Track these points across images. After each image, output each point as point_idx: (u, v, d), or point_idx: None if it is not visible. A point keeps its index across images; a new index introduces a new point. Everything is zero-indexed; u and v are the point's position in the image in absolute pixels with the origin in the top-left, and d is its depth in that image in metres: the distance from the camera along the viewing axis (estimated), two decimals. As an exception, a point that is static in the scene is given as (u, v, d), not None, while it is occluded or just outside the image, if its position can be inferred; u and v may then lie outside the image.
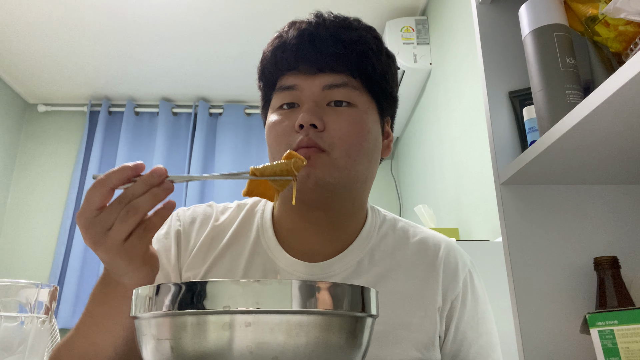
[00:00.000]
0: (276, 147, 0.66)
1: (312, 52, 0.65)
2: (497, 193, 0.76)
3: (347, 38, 0.66)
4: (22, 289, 0.52)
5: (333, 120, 0.64)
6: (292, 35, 0.67)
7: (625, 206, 0.73)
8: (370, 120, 0.67)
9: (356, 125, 0.65)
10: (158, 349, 0.39)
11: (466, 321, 0.71)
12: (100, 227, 0.49)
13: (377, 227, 0.74)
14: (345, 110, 0.65)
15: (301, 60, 0.66)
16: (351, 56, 0.66)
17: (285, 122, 0.66)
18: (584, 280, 0.70)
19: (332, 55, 0.65)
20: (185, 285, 0.38)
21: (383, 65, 0.69)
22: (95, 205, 0.50)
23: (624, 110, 0.52)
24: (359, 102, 0.66)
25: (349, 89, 0.66)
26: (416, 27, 2.41)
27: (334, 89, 0.65)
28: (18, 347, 0.50)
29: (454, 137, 2.04)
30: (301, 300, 0.37)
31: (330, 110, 0.65)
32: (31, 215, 3.10)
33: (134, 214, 0.49)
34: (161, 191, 0.51)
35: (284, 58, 0.67)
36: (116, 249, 0.50)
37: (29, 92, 3.25)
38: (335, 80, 0.65)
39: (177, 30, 2.64)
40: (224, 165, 3.08)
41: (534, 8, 0.67)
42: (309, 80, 0.66)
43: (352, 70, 0.66)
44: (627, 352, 0.53)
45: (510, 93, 0.80)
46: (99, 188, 0.50)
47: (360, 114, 0.66)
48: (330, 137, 0.63)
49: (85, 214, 0.50)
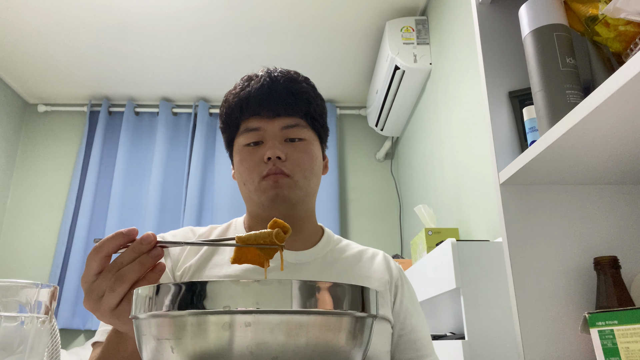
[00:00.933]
0: (248, 176, 0.83)
1: (271, 101, 0.83)
2: (497, 193, 0.76)
3: (295, 90, 0.85)
4: (22, 289, 0.52)
5: (291, 152, 0.83)
6: (253, 87, 0.84)
7: (625, 206, 0.73)
8: (316, 149, 0.87)
9: (308, 154, 0.85)
10: (158, 349, 0.39)
11: (407, 297, 0.90)
12: (95, 295, 0.54)
13: (332, 238, 0.94)
14: (299, 144, 0.84)
15: (263, 107, 0.83)
16: (300, 103, 0.85)
17: (254, 156, 0.83)
18: (584, 280, 0.70)
19: (287, 103, 0.84)
20: (185, 285, 0.38)
21: (320, 107, 0.89)
22: (93, 272, 0.55)
23: (624, 110, 0.52)
24: (307, 137, 0.86)
25: (300, 127, 0.85)
26: (416, 27, 2.41)
27: (289, 129, 0.84)
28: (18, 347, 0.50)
29: (454, 137, 2.04)
30: (301, 300, 0.37)
31: (288, 145, 0.84)
32: (31, 215, 3.10)
33: (121, 284, 0.54)
34: (149, 258, 0.55)
35: (249, 105, 0.84)
36: (109, 314, 0.55)
37: (29, 92, 3.25)
38: (291, 122, 0.84)
39: (177, 30, 2.64)
40: (224, 165, 3.08)
41: (534, 8, 0.67)
42: (270, 122, 0.84)
43: (301, 113, 0.85)
44: (627, 352, 0.53)
45: (510, 93, 0.80)
46: (96, 255, 0.55)
47: (309, 145, 0.86)
48: (291, 165, 0.82)
49: (85, 279, 0.55)
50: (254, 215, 0.88)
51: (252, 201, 0.86)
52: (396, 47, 2.35)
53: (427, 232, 1.83)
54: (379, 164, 3.21)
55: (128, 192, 3.04)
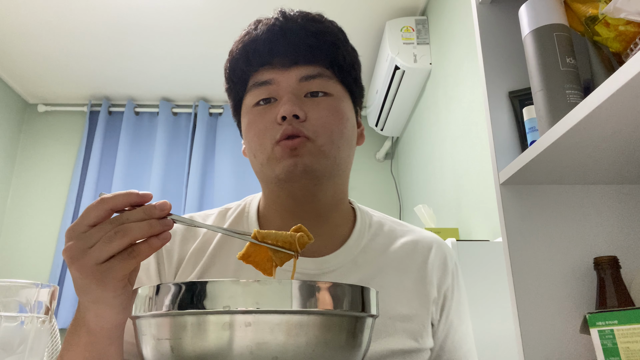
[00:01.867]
0: (258, 144, 0.66)
1: (285, 45, 0.66)
2: (497, 193, 0.76)
3: (317, 30, 0.67)
4: (22, 289, 0.52)
5: (313, 110, 0.65)
6: (261, 30, 0.67)
7: (625, 206, 0.73)
8: (347, 109, 0.69)
9: (335, 113, 0.66)
10: (158, 349, 0.39)
11: (454, 310, 0.75)
12: (83, 243, 0.47)
13: (367, 227, 0.75)
14: (323, 99, 0.66)
15: (275, 53, 0.66)
16: (323, 47, 0.67)
17: (265, 117, 0.65)
18: (584, 280, 0.70)
19: (306, 47, 0.66)
20: (185, 285, 0.38)
21: (351, 55, 0.71)
22: (88, 222, 0.47)
23: (624, 110, 0.52)
24: (334, 91, 0.67)
25: (324, 79, 0.67)
26: (416, 27, 2.41)
27: (310, 80, 0.66)
28: (18, 347, 0.50)
29: (454, 137, 2.03)
30: (301, 300, 0.37)
31: (309, 101, 0.65)
32: (31, 215, 3.10)
33: (121, 237, 0.46)
34: (159, 224, 0.48)
35: (256, 53, 0.67)
36: (90, 268, 0.47)
37: (29, 92, 3.25)
38: (311, 72, 0.66)
39: (177, 30, 2.64)
40: (224, 166, 3.08)
41: (534, 8, 0.67)
42: (284, 73, 0.66)
43: (325, 61, 0.67)
44: (627, 352, 0.53)
45: (510, 93, 0.80)
46: (99, 205, 0.48)
47: (337, 102, 0.67)
48: (312, 126, 0.64)
49: (75, 227, 0.47)
50: (270, 198, 0.71)
51: (265, 177, 0.68)
52: (396, 47, 2.35)
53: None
54: (379, 164, 3.20)
55: (128, 192, 3.04)
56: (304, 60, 0.66)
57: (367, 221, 0.76)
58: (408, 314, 0.68)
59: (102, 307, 0.49)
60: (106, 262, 0.47)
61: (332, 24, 0.70)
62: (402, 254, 0.73)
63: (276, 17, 0.68)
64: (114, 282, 0.48)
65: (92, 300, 0.49)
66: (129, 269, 0.48)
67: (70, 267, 0.47)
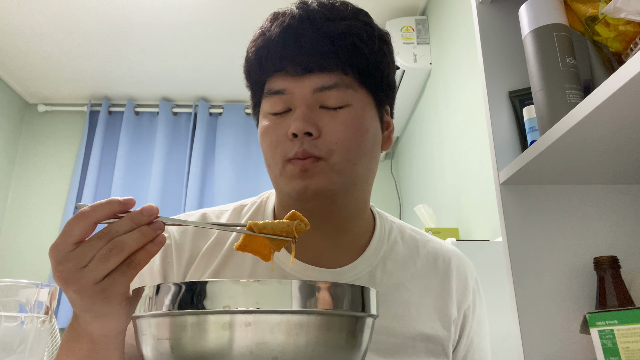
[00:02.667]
0: (271, 156, 0.63)
1: (297, 52, 0.60)
2: (497, 193, 0.76)
3: (335, 32, 0.60)
4: (22, 289, 0.52)
5: (328, 124, 0.60)
6: (275, 32, 0.61)
7: (625, 206, 0.73)
8: (367, 118, 0.63)
9: (353, 127, 0.61)
10: (158, 349, 0.39)
11: (475, 328, 0.73)
12: (75, 264, 0.44)
13: (386, 234, 0.71)
14: (340, 112, 0.61)
15: (287, 60, 0.60)
16: (341, 52, 0.60)
17: (278, 129, 0.62)
18: (584, 280, 0.70)
19: (321, 54, 0.60)
20: (185, 285, 0.38)
21: (376, 54, 0.63)
22: (73, 239, 0.45)
23: (624, 110, 0.52)
24: (353, 101, 0.62)
25: (341, 89, 0.61)
26: (416, 27, 2.41)
27: (325, 92, 0.60)
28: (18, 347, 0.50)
29: (454, 137, 2.03)
30: (301, 300, 0.37)
31: (325, 114, 0.60)
32: (31, 215, 3.10)
33: (117, 253, 0.44)
34: (150, 230, 0.46)
35: (268, 59, 0.62)
36: (90, 288, 0.44)
37: (29, 92, 3.25)
38: (326, 82, 0.60)
39: (177, 30, 2.64)
40: (224, 165, 3.08)
41: (534, 8, 0.67)
42: (298, 82, 0.61)
43: (344, 66, 0.61)
44: (627, 352, 0.53)
45: (510, 93, 0.80)
46: (81, 220, 0.45)
47: (356, 113, 0.62)
48: (327, 144, 0.60)
49: (59, 247, 0.45)
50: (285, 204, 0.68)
51: (279, 188, 0.65)
52: (396, 47, 2.34)
53: (427, 232, 1.83)
54: (379, 163, 3.20)
55: (128, 192, 3.04)
56: (319, 68, 0.60)
57: (387, 228, 0.72)
58: (429, 334, 0.66)
59: (106, 320, 0.48)
60: (105, 278, 0.45)
61: (356, 19, 0.63)
62: (423, 268, 0.70)
63: (292, 15, 0.61)
64: (118, 296, 0.46)
65: (95, 316, 0.48)
66: (131, 280, 0.47)
67: (67, 291, 0.45)
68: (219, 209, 0.74)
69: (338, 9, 0.62)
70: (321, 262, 0.66)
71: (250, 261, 0.66)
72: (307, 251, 0.66)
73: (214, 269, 0.66)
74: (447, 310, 0.68)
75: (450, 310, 0.69)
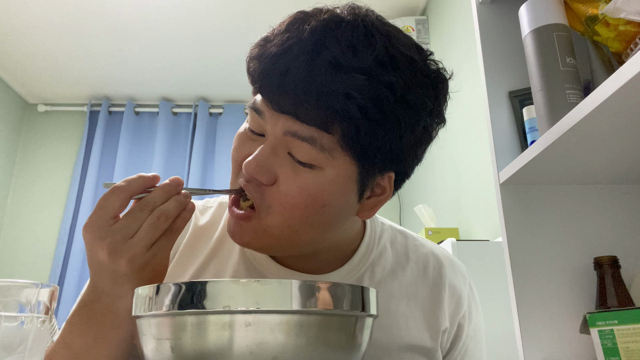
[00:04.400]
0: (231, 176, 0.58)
1: (278, 89, 0.50)
2: (497, 193, 0.76)
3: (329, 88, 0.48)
4: (22, 289, 0.52)
5: (284, 179, 0.51)
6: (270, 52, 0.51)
7: (625, 206, 0.73)
8: (334, 192, 0.52)
9: (308, 197, 0.51)
10: (158, 349, 0.39)
11: (470, 336, 0.70)
12: (122, 235, 0.47)
13: (376, 240, 0.67)
14: (303, 172, 0.51)
15: (266, 92, 0.51)
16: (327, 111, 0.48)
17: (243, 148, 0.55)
18: (584, 280, 0.70)
19: (303, 103, 0.48)
20: (186, 285, 0.38)
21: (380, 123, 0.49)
22: (112, 213, 0.48)
23: (624, 110, 0.52)
24: (325, 164, 0.51)
25: (316, 148, 0.50)
26: (416, 27, 2.41)
27: (296, 140, 0.50)
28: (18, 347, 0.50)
29: (454, 137, 2.03)
30: (301, 300, 0.37)
31: (287, 164, 0.51)
32: (31, 215, 3.10)
33: (165, 220, 0.49)
34: (183, 197, 0.51)
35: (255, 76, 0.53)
36: (143, 255, 0.48)
37: (29, 92, 3.25)
38: (301, 132, 0.50)
39: (177, 30, 2.64)
40: (224, 166, 3.08)
41: (534, 8, 0.67)
42: (273, 116, 0.51)
43: (325, 126, 0.49)
44: (627, 352, 0.53)
45: (510, 93, 0.80)
46: (118, 194, 0.48)
47: (321, 181, 0.51)
48: (271, 198, 0.52)
49: (99, 222, 0.47)
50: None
51: None
52: (396, 47, 2.35)
53: (427, 232, 1.83)
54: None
55: (128, 192, 3.04)
56: (295, 113, 0.49)
57: (378, 232, 0.68)
58: (417, 345, 0.64)
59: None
60: (155, 244, 0.49)
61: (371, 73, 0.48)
62: (412, 275, 0.67)
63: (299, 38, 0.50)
64: (165, 258, 0.51)
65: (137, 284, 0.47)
66: (173, 243, 0.52)
67: (116, 262, 0.47)
68: (204, 203, 0.72)
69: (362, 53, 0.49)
70: (304, 266, 0.63)
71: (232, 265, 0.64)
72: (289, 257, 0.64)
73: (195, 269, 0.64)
74: (436, 321, 0.65)
75: (439, 321, 0.65)
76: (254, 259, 0.65)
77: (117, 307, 0.51)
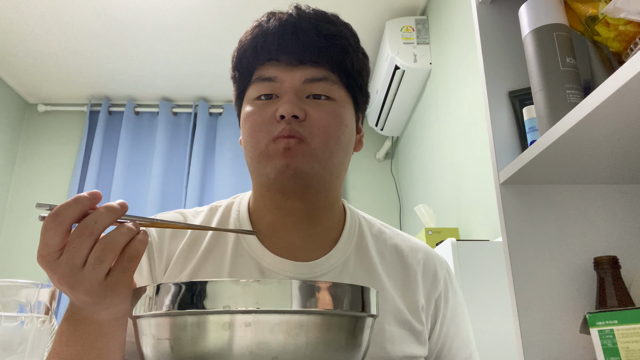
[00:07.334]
0: (254, 136, 0.65)
1: (294, 43, 0.65)
2: (497, 193, 0.76)
3: (329, 32, 0.66)
4: (22, 289, 0.52)
5: (314, 111, 0.64)
6: (273, 25, 0.66)
7: (624, 206, 0.73)
8: (347, 115, 0.68)
9: (335, 118, 0.66)
10: (158, 349, 0.39)
11: (449, 318, 0.74)
12: (69, 268, 0.44)
13: (356, 227, 0.74)
14: (325, 102, 0.66)
15: (283, 50, 0.65)
16: (332, 51, 0.66)
17: (264, 112, 0.65)
18: (584, 280, 0.70)
19: (314, 48, 0.65)
20: (185, 285, 0.38)
21: (360, 62, 0.70)
22: (55, 247, 0.44)
23: (624, 110, 0.52)
24: (337, 96, 0.67)
25: (329, 83, 0.66)
26: (416, 27, 2.41)
27: (314, 83, 0.65)
28: (18, 347, 0.50)
29: (454, 137, 2.03)
30: (301, 300, 0.37)
31: (310, 102, 0.65)
32: (31, 215, 3.10)
33: (110, 250, 0.45)
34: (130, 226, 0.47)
35: (264, 47, 0.66)
36: (97, 288, 0.45)
37: (29, 92, 3.25)
38: (316, 74, 0.65)
39: (177, 30, 2.64)
40: (224, 165, 3.08)
41: (534, 8, 0.67)
42: (289, 72, 0.65)
43: (332, 64, 0.66)
44: (627, 352, 0.53)
45: (510, 93, 0.80)
46: (56, 226, 0.44)
47: (338, 107, 0.67)
48: (310, 127, 0.64)
49: (46, 257, 0.45)
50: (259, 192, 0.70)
51: (256, 172, 0.67)
52: (396, 47, 2.35)
53: (427, 231, 1.83)
54: (379, 163, 3.20)
55: (128, 192, 3.04)
56: (311, 62, 0.65)
57: (357, 222, 0.76)
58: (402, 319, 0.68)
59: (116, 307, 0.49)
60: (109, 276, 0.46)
61: (346, 28, 0.69)
62: (391, 259, 0.73)
63: (290, 13, 0.67)
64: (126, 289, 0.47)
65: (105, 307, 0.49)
66: (133, 271, 0.48)
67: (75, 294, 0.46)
68: (194, 209, 0.76)
69: (330, 16, 0.69)
70: (295, 255, 0.68)
71: (229, 257, 0.68)
72: (280, 245, 0.69)
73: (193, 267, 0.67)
74: (413, 297, 0.70)
75: (416, 298, 0.70)
76: (249, 247, 0.69)
77: (99, 318, 0.51)
